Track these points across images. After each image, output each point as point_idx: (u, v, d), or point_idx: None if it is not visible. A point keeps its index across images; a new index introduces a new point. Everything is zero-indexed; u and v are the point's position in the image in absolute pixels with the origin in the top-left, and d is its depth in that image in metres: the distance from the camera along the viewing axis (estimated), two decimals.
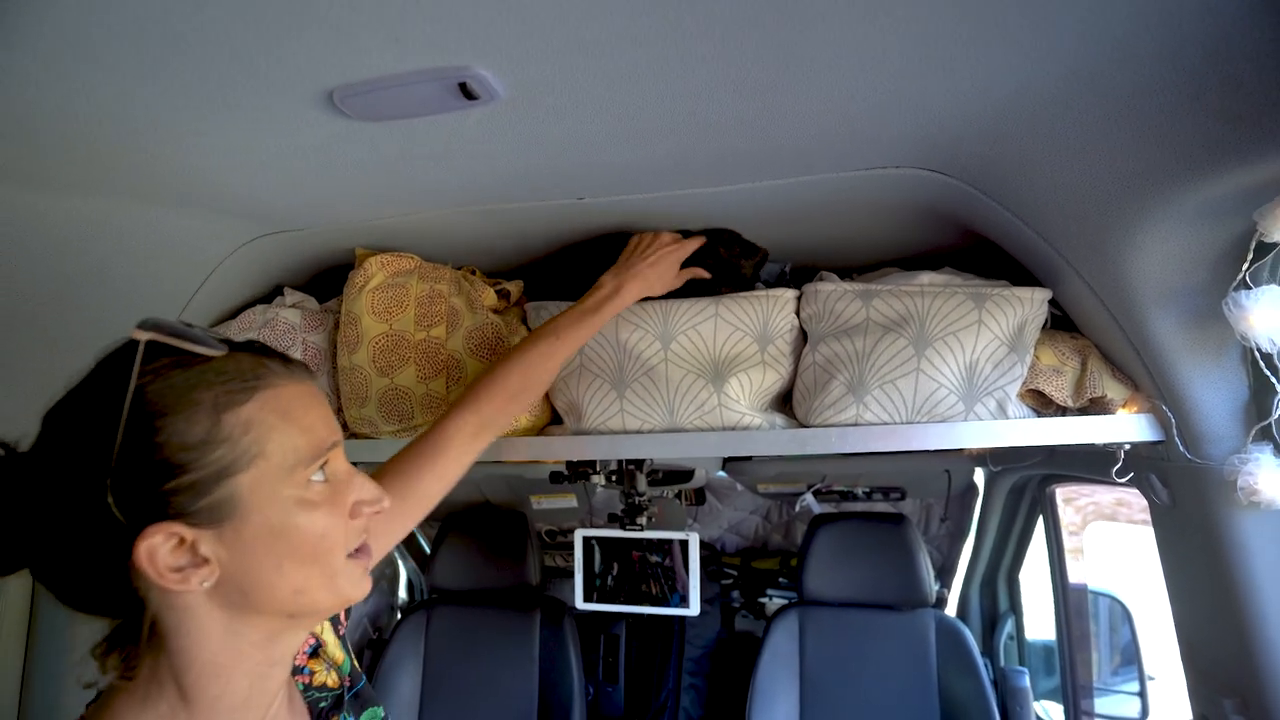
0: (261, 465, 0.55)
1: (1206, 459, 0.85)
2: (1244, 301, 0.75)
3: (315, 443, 0.58)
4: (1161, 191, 0.74)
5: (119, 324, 1.11)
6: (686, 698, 1.98)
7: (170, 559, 0.52)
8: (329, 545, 0.58)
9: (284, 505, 0.56)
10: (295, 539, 0.56)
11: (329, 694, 0.73)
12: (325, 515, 0.58)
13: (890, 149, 0.88)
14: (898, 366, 0.94)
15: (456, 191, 1.00)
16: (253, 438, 0.55)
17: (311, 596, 0.58)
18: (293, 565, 0.57)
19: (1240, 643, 0.84)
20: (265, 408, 0.56)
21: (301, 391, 0.60)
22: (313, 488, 0.58)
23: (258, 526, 0.55)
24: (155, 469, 0.52)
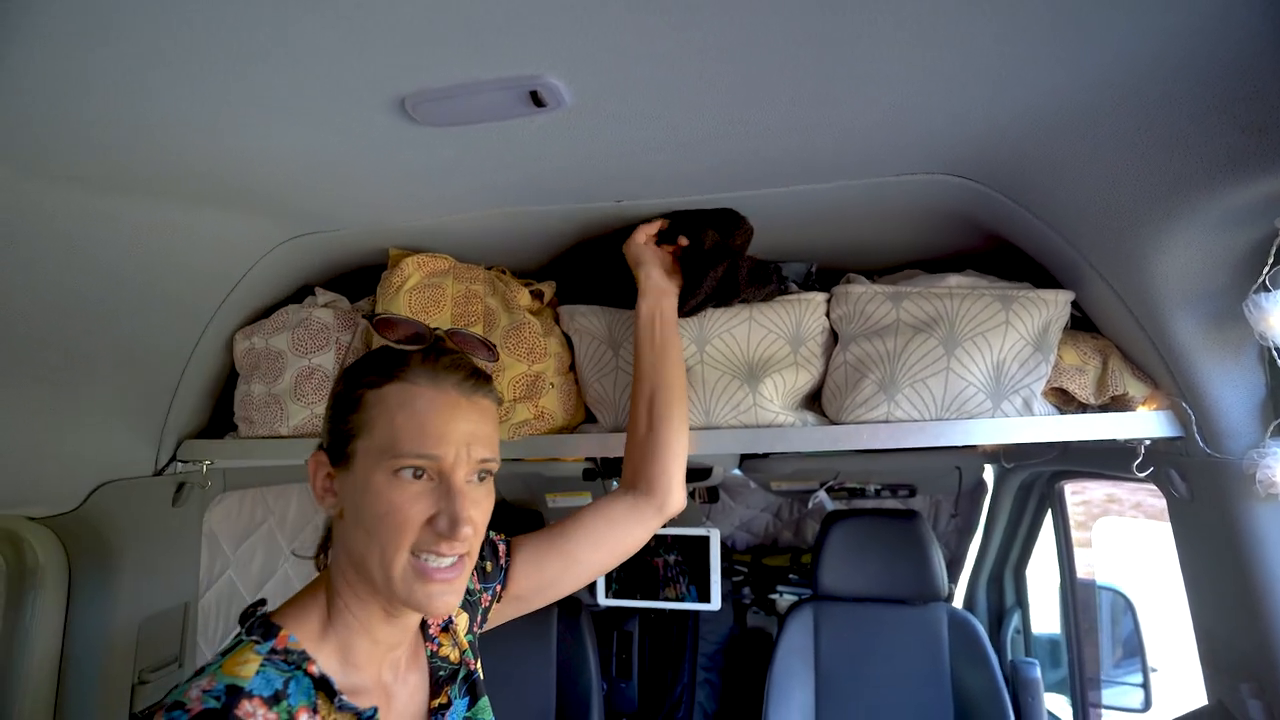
0: (367, 439, 0.71)
1: (1225, 454, 0.89)
2: (1264, 303, 0.79)
3: (411, 444, 0.69)
4: (1187, 199, 0.78)
5: (160, 321, 1.15)
6: (702, 692, 2.01)
7: (322, 480, 0.74)
8: (390, 530, 0.68)
9: (370, 475, 0.70)
10: (366, 506, 0.69)
11: (448, 666, 0.83)
12: (394, 505, 0.68)
13: (924, 156, 0.92)
14: (929, 366, 0.98)
15: (498, 194, 1.02)
16: (372, 415, 0.72)
17: (369, 569, 0.70)
18: (363, 533, 0.69)
19: (1256, 629, 0.88)
20: (394, 397, 0.72)
21: (436, 398, 0.72)
22: (399, 479, 0.69)
23: (353, 481, 0.71)
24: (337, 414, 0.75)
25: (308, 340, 1.25)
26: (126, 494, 1.23)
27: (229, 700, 0.61)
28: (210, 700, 0.60)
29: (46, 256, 0.93)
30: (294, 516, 1.87)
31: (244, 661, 0.65)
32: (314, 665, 0.68)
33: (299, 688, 0.66)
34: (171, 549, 1.34)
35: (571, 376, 1.20)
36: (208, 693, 0.61)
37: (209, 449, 1.30)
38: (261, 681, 0.64)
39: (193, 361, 1.27)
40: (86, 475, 1.17)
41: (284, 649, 0.68)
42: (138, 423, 1.25)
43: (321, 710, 0.67)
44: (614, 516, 0.96)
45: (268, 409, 1.25)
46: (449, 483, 0.70)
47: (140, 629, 1.26)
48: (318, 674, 0.67)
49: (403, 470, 0.69)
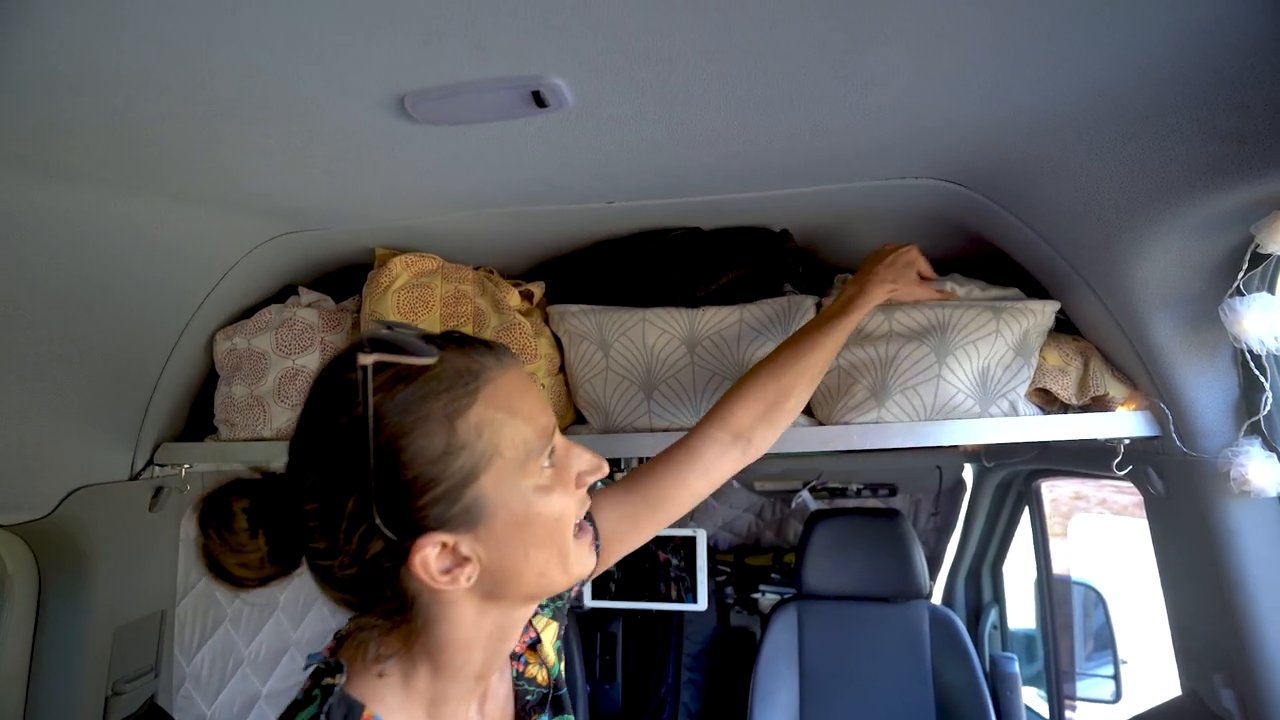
0: (499, 464, 0.57)
1: (1201, 452, 0.92)
2: (1238, 307, 0.82)
3: (541, 430, 0.60)
4: (1168, 206, 0.80)
5: (137, 320, 1.11)
6: (686, 693, 2.02)
7: (438, 564, 0.56)
8: (565, 525, 0.61)
9: (525, 496, 0.59)
10: (537, 526, 0.59)
11: (536, 689, 0.76)
12: (560, 496, 0.61)
13: (915, 161, 0.93)
14: (920, 373, 0.99)
15: (490, 194, 1.02)
16: (487, 439, 0.57)
17: (550, 577, 0.62)
18: (536, 550, 0.60)
19: (1229, 622, 0.91)
20: (490, 406, 0.58)
21: (515, 379, 0.61)
22: (544, 473, 0.60)
23: (505, 522, 0.58)
24: (409, 487, 0.54)
25: (291, 341, 1.23)
26: (101, 499, 1.19)
27: None
28: None
29: (14, 253, 0.90)
30: None
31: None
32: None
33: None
34: (148, 555, 1.30)
35: (562, 378, 1.20)
36: None
37: (188, 452, 1.27)
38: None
39: (171, 363, 1.24)
40: (58, 480, 1.13)
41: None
42: (113, 426, 1.21)
43: None
44: (718, 475, 0.89)
45: (250, 411, 1.23)
46: (563, 441, 0.64)
47: (115, 638, 1.23)
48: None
49: (543, 464, 0.60)
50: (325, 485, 0.55)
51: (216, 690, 1.69)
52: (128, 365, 1.17)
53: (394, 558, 0.55)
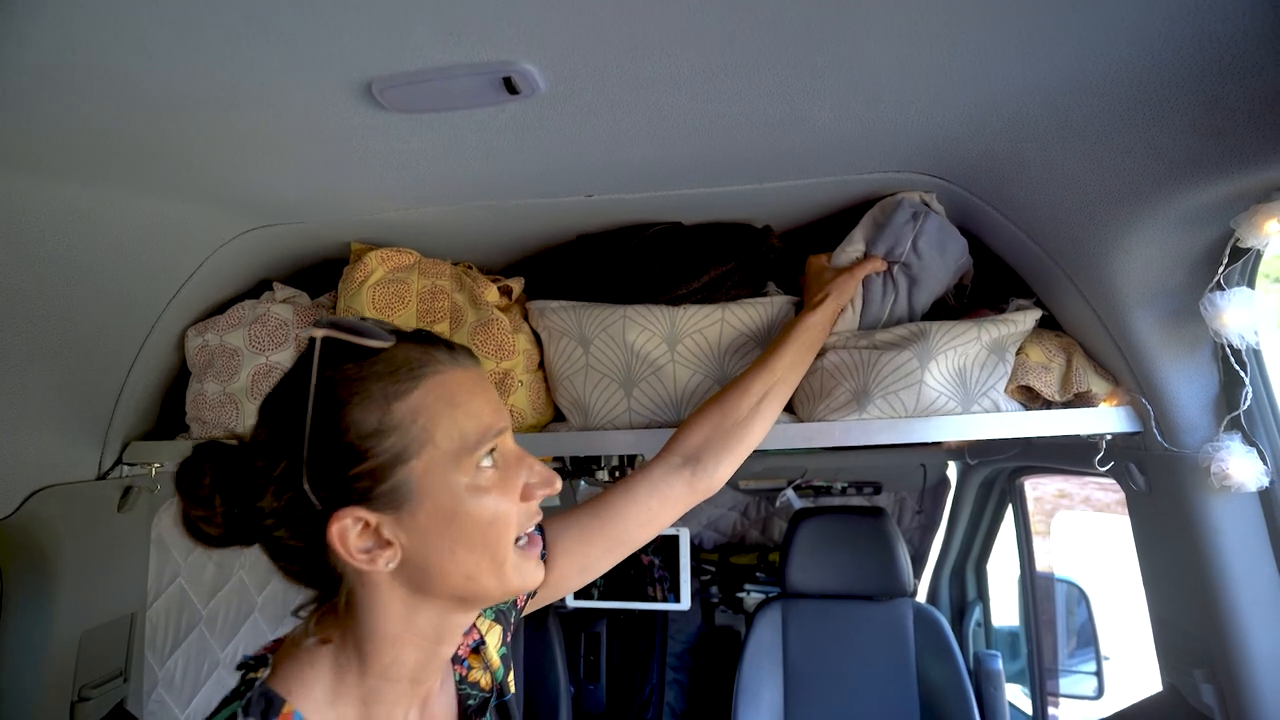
0: (431, 451, 0.58)
1: (1182, 447, 0.91)
2: (1218, 301, 0.82)
3: (481, 428, 0.60)
4: (1148, 200, 0.80)
5: (103, 315, 1.08)
6: (670, 693, 2.00)
7: (358, 541, 0.57)
8: (499, 531, 0.60)
9: (455, 491, 0.59)
10: (467, 524, 0.59)
11: (479, 694, 0.75)
12: (496, 500, 0.60)
13: (896, 154, 0.93)
14: (902, 378, 0.97)
15: (466, 187, 1.00)
16: (421, 425, 0.58)
17: (481, 582, 0.61)
18: (464, 550, 0.59)
19: (1210, 616, 0.91)
20: (431, 395, 0.59)
21: (467, 377, 0.62)
22: (483, 473, 0.60)
23: (431, 512, 0.58)
24: (340, 456, 0.56)
25: (265, 337, 1.20)
26: (66, 499, 1.16)
27: None
28: None
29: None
30: None
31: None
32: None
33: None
34: (116, 557, 1.27)
35: (540, 374, 1.18)
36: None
37: (158, 450, 1.23)
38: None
39: (140, 359, 1.21)
40: (20, 479, 1.09)
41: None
42: (79, 424, 1.18)
43: None
44: (669, 494, 0.88)
45: (222, 408, 1.20)
46: (513, 449, 0.63)
47: (81, 642, 1.19)
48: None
49: (482, 463, 0.60)
50: (270, 445, 0.58)
51: (190, 694, 1.65)
52: (95, 361, 1.14)
53: (317, 526, 0.57)
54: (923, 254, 1.01)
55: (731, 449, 0.92)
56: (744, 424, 0.92)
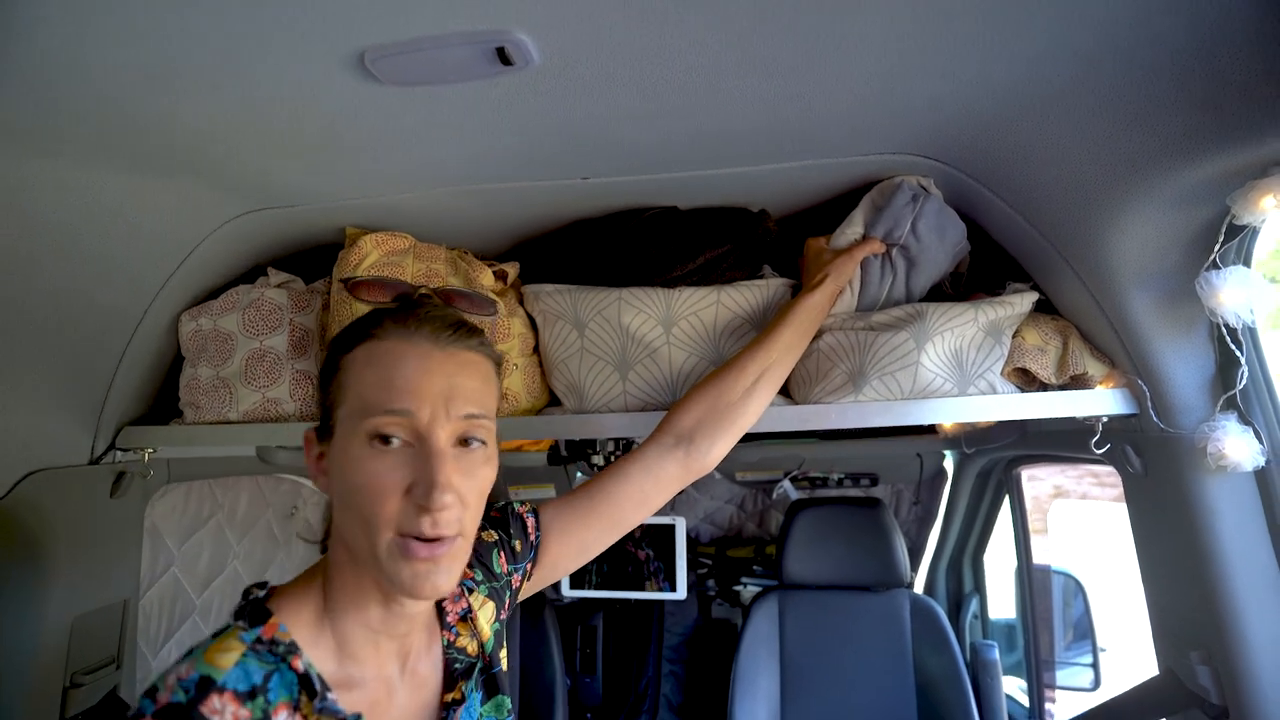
0: (346, 404, 0.66)
1: (1178, 428, 0.91)
2: (1214, 280, 0.82)
3: (383, 399, 0.64)
4: (1144, 178, 0.80)
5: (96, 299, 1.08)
6: (667, 685, 2.00)
7: (314, 459, 0.70)
8: (368, 503, 0.62)
9: (349, 445, 0.65)
10: (346, 478, 0.64)
11: (465, 659, 0.77)
12: (374, 475, 0.62)
13: (892, 136, 0.92)
14: (899, 359, 0.97)
15: (460, 169, 0.99)
16: (348, 378, 0.67)
17: (359, 552, 0.65)
18: (342, 509, 0.66)
19: (1206, 598, 0.91)
20: (365, 356, 0.67)
21: (404, 350, 0.66)
22: (374, 447, 0.63)
23: (334, 455, 0.67)
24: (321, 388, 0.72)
25: (259, 321, 1.20)
26: (58, 483, 1.15)
27: (197, 695, 0.56)
28: (179, 692, 0.56)
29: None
30: (244, 512, 1.79)
31: (225, 650, 0.60)
32: (300, 660, 0.62)
33: (281, 682, 0.61)
34: (108, 542, 1.26)
35: (535, 359, 1.17)
36: (181, 682, 0.57)
37: (151, 436, 1.23)
38: (239, 674, 0.59)
39: (134, 343, 1.20)
40: (12, 463, 1.09)
41: (271, 639, 0.62)
42: (72, 408, 1.17)
43: (304, 708, 0.61)
44: (662, 475, 0.89)
45: (215, 393, 1.19)
46: (427, 445, 0.63)
47: (73, 628, 1.18)
48: (302, 670, 0.62)
49: (376, 434, 0.62)
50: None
51: None
52: (87, 345, 1.14)
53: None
54: (921, 237, 1.01)
55: (725, 429, 0.92)
56: (738, 404, 0.92)
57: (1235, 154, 0.73)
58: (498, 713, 0.78)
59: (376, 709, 0.67)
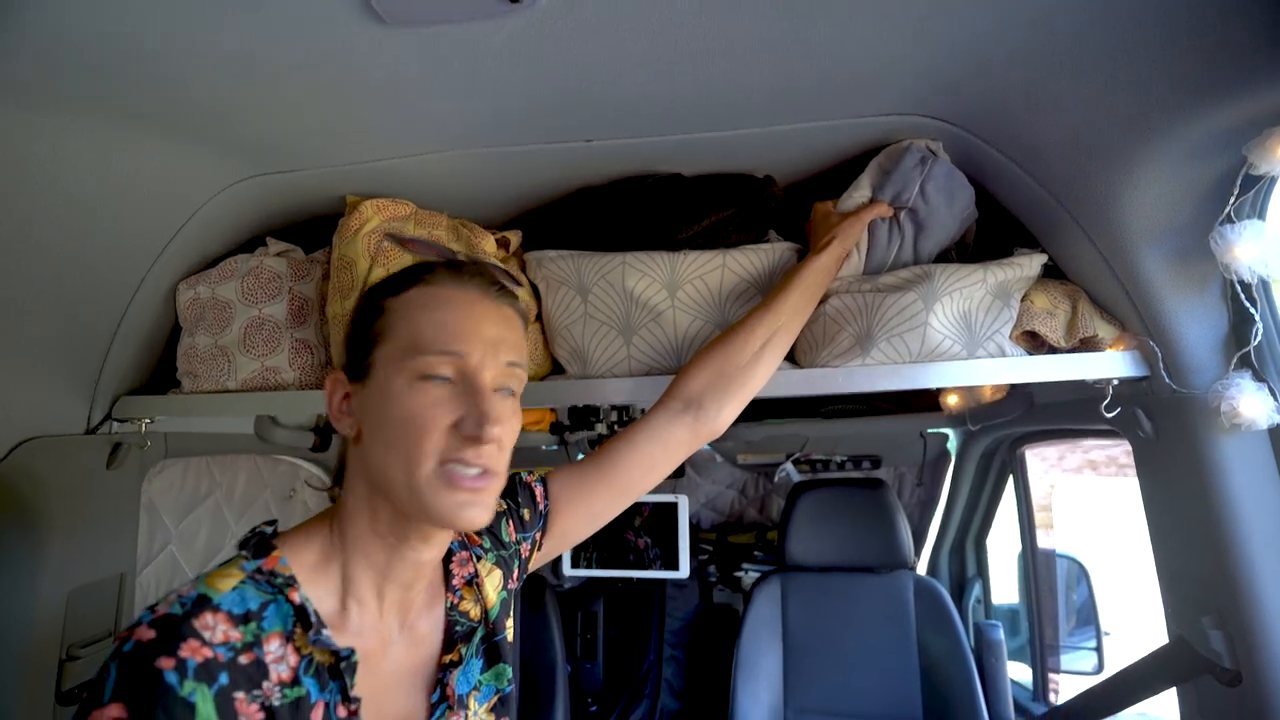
0: (390, 342, 0.67)
1: (1190, 389, 0.90)
2: (1229, 235, 0.81)
3: (437, 339, 0.65)
4: (1157, 129, 0.78)
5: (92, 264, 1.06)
6: (668, 669, 1.98)
7: (340, 403, 0.70)
8: (413, 436, 0.63)
9: (392, 385, 0.65)
10: (394, 419, 0.64)
11: (466, 622, 0.77)
12: (421, 408, 0.64)
13: (899, 96, 0.91)
14: (906, 320, 0.96)
15: (463, 129, 0.98)
16: (393, 319, 0.67)
17: (393, 489, 0.65)
18: (384, 448, 0.65)
19: (1218, 561, 0.90)
20: (417, 299, 0.68)
21: (462, 297, 0.68)
22: (422, 384, 0.64)
23: (374, 396, 0.66)
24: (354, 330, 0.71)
25: (258, 289, 1.18)
26: (54, 452, 1.13)
27: (193, 609, 0.58)
28: (176, 606, 0.58)
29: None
30: (242, 491, 1.77)
31: (225, 576, 0.62)
32: (296, 593, 0.63)
33: (276, 612, 0.62)
34: (105, 514, 1.24)
35: (538, 326, 1.16)
36: (180, 599, 0.58)
37: (148, 405, 1.21)
38: (235, 598, 0.60)
39: (130, 311, 1.18)
40: (6, 429, 1.07)
41: (270, 570, 0.63)
42: (67, 377, 1.15)
43: (297, 640, 0.62)
44: (671, 440, 0.89)
45: (213, 362, 1.18)
46: (474, 383, 0.65)
47: (69, 600, 1.17)
48: (298, 602, 0.63)
49: (427, 372, 0.64)
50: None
51: None
52: (83, 312, 1.12)
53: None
54: (930, 199, 0.99)
55: (734, 393, 0.91)
56: (747, 368, 0.92)
57: (1252, 100, 0.72)
58: (497, 681, 0.78)
59: (370, 659, 0.67)
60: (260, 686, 0.59)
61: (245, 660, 0.58)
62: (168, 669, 0.54)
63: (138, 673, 0.54)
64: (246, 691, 0.58)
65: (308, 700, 0.61)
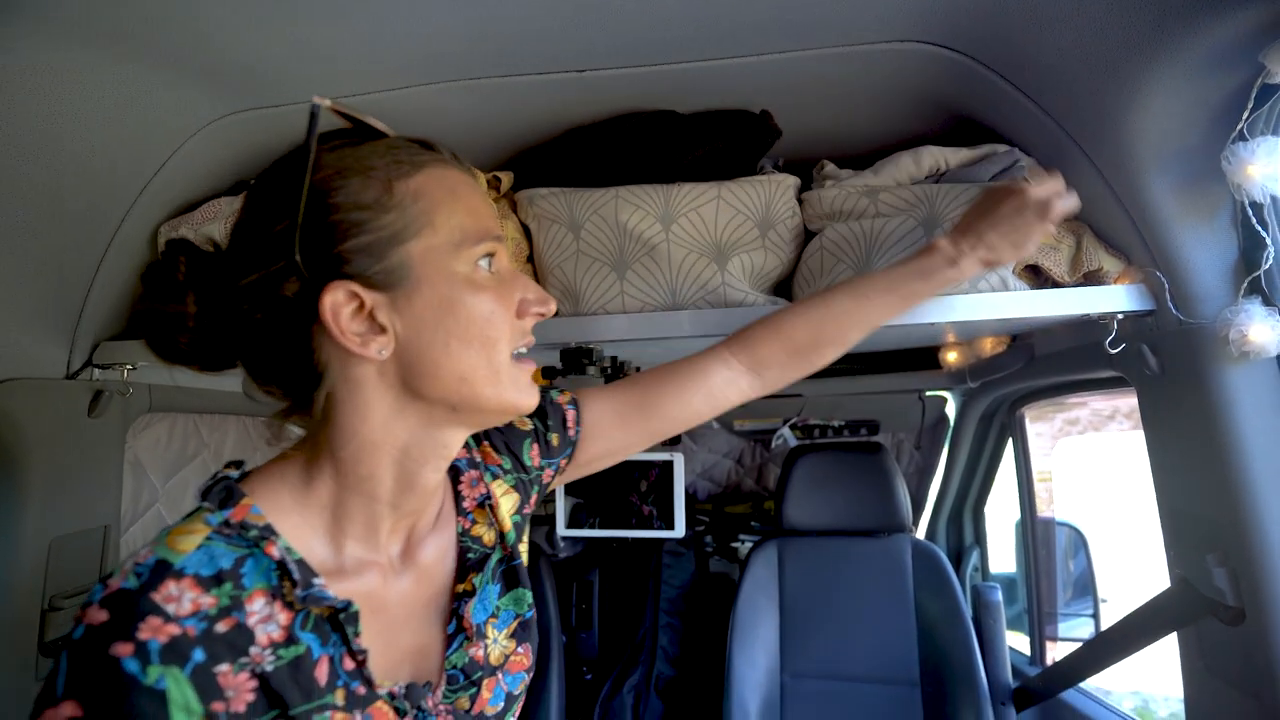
0: (429, 236, 0.56)
1: (1198, 319, 0.88)
2: (1241, 153, 0.78)
3: (481, 225, 0.59)
4: (1171, 37, 0.75)
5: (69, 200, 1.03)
6: (664, 636, 1.97)
7: (352, 322, 0.55)
8: (494, 334, 0.58)
9: (451, 280, 0.57)
10: (461, 316, 0.57)
11: (480, 548, 0.71)
12: (491, 300, 0.58)
13: (897, 20, 0.88)
14: (908, 249, 0.94)
15: (451, 57, 0.95)
16: (421, 207, 0.56)
17: (474, 388, 0.58)
18: (459, 345, 0.57)
19: (1223, 496, 0.88)
20: (433, 182, 0.57)
21: (467, 179, 0.61)
22: (479, 272, 0.58)
23: (428, 298, 0.56)
24: (333, 227, 0.54)
25: None
26: (33, 395, 1.11)
27: (151, 580, 0.49)
28: (131, 578, 0.49)
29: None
30: (231, 452, 1.75)
31: (188, 533, 0.53)
32: (275, 545, 0.54)
33: (256, 567, 0.54)
34: (88, 463, 1.22)
35: (530, 267, 1.13)
36: (136, 566, 0.50)
37: (130, 351, 1.19)
38: (201, 558, 0.51)
39: (110, 254, 1.15)
40: None
41: (240, 522, 0.54)
42: (46, 319, 1.12)
43: (287, 594, 0.54)
44: (723, 401, 0.84)
45: None
46: (505, 264, 0.62)
47: (51, 549, 1.14)
48: (278, 556, 0.54)
49: (479, 261, 0.58)
50: (257, 220, 0.56)
51: None
52: (62, 252, 1.09)
53: (306, 302, 0.54)
54: None
55: (797, 371, 0.87)
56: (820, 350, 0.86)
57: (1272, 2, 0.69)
58: (517, 606, 0.72)
59: (375, 597, 0.60)
60: (247, 653, 0.51)
61: (224, 628, 0.51)
62: (126, 656, 0.46)
63: (91, 664, 0.46)
64: (231, 662, 0.50)
65: (309, 657, 0.54)
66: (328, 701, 0.54)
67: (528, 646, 0.72)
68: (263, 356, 0.58)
